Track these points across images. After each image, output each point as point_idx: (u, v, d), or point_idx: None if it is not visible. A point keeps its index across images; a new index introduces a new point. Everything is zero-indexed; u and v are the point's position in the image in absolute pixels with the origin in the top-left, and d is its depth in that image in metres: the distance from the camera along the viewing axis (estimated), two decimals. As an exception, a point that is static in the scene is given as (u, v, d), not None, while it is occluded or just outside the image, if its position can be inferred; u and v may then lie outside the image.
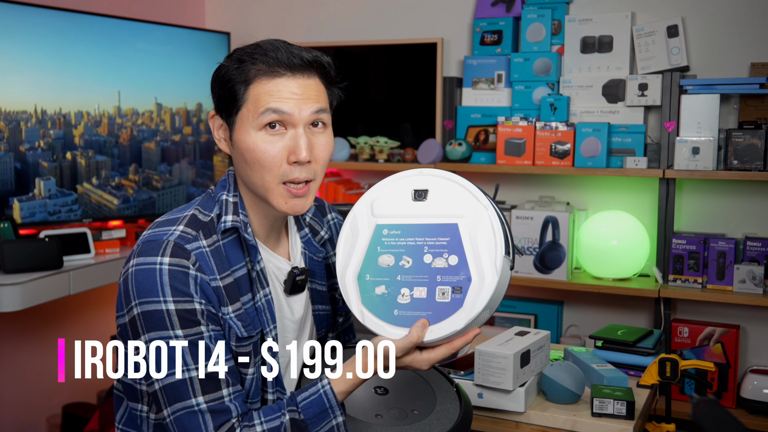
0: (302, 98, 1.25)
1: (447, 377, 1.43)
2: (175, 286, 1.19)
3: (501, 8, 2.94)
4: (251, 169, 1.26)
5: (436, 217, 1.23)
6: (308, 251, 1.43)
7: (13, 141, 2.37)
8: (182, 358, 1.19)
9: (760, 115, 2.55)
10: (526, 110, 2.86)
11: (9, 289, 2.16)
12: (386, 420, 1.29)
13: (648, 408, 1.79)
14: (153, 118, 2.89)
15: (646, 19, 2.77)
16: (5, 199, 2.30)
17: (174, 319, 1.19)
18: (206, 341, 1.21)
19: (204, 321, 1.21)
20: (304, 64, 1.25)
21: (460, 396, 1.38)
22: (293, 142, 1.25)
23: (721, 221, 2.73)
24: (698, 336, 2.60)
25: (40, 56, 2.51)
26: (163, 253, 1.21)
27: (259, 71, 1.24)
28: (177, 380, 1.19)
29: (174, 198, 2.74)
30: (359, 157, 3.11)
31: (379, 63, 3.19)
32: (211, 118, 1.34)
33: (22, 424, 2.80)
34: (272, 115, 1.23)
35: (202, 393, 1.19)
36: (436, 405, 1.35)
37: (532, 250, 2.75)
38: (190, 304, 1.20)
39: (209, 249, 1.25)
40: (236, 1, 3.52)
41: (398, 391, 1.37)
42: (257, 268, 1.31)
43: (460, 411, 1.34)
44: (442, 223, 1.22)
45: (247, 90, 1.25)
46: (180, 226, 1.26)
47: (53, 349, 2.90)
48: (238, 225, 1.29)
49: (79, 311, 2.99)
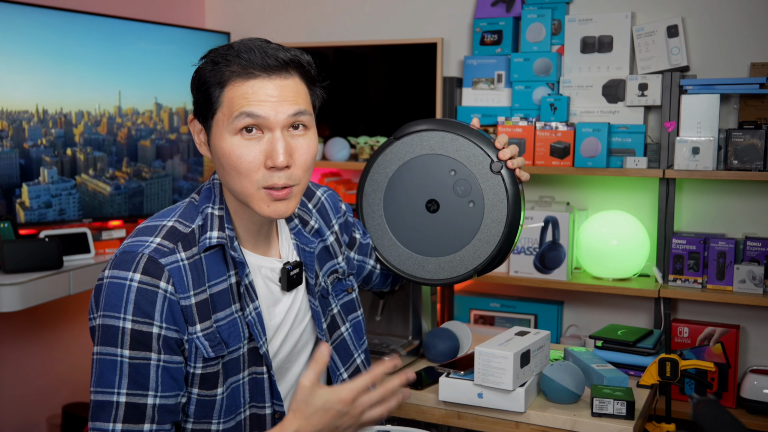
0: (279, 100, 1.19)
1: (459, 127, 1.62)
2: (139, 305, 1.16)
3: (501, 8, 2.94)
4: (228, 175, 1.22)
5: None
6: (300, 242, 1.40)
7: (17, 138, 2.42)
8: (118, 380, 1.16)
9: (760, 115, 2.55)
10: (526, 110, 2.86)
11: (9, 289, 2.16)
12: (473, 209, 1.57)
13: (648, 408, 1.79)
14: (152, 117, 2.89)
15: (646, 19, 2.77)
16: (12, 189, 2.40)
17: (126, 339, 1.16)
18: (151, 370, 1.17)
19: (157, 347, 1.17)
20: (280, 64, 1.20)
21: (493, 169, 1.56)
22: (270, 147, 1.19)
23: (721, 221, 2.73)
24: (698, 336, 2.60)
25: (41, 56, 2.52)
26: (135, 269, 1.17)
27: (233, 73, 1.19)
28: (105, 400, 1.16)
29: (161, 187, 2.82)
30: (359, 157, 3.11)
31: (379, 63, 3.19)
32: (191, 122, 1.29)
33: (22, 424, 2.80)
34: (246, 119, 1.18)
35: (122, 420, 1.15)
36: (482, 187, 1.57)
37: (532, 250, 2.76)
38: (149, 327, 1.17)
39: (187, 262, 1.22)
40: (236, 1, 3.52)
41: (445, 198, 1.59)
42: (245, 282, 1.27)
43: (504, 180, 1.55)
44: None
45: (222, 93, 1.20)
46: (157, 238, 1.22)
47: (53, 349, 2.90)
48: (224, 242, 1.25)
49: (79, 311, 2.99)
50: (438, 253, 1.63)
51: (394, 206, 1.65)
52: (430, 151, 1.60)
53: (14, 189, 2.40)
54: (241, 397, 1.28)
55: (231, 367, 1.26)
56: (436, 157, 1.60)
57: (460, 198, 1.59)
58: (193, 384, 1.23)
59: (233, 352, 1.26)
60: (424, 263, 1.64)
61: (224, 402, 1.26)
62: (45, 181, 2.46)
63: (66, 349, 2.95)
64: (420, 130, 1.62)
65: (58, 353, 2.92)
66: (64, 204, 2.52)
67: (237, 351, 1.26)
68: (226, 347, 1.24)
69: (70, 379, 2.97)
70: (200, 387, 1.23)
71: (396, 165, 1.64)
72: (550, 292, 2.98)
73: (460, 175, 1.58)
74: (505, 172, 1.56)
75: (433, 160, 1.60)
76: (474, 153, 1.57)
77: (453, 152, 1.58)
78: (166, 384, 1.19)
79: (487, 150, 1.57)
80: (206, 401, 1.24)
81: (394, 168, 1.65)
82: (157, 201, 2.83)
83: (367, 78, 3.23)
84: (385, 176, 1.65)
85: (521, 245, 2.77)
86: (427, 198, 1.61)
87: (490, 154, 1.56)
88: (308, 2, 3.37)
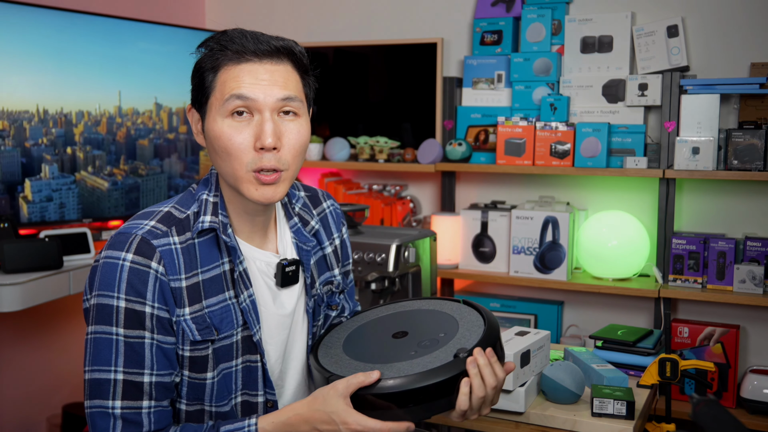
0: (269, 84, 1.22)
1: (449, 299, 1.43)
2: (132, 284, 1.19)
3: (501, 8, 2.94)
4: (221, 158, 1.25)
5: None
6: (298, 241, 1.41)
7: (18, 138, 2.46)
8: (114, 358, 1.18)
9: (760, 115, 2.55)
10: (526, 110, 2.86)
11: (9, 289, 2.16)
12: (422, 351, 1.27)
13: (648, 408, 1.79)
14: (152, 117, 2.90)
15: (646, 19, 2.77)
16: (14, 186, 2.45)
17: (120, 317, 1.19)
18: (146, 348, 1.20)
19: (150, 326, 1.20)
20: (272, 49, 1.23)
21: (473, 305, 1.38)
22: (259, 129, 1.22)
23: (721, 221, 2.73)
24: (698, 336, 2.60)
25: (41, 56, 2.52)
26: (128, 249, 1.20)
27: (226, 57, 1.23)
28: (102, 378, 1.19)
29: (156, 183, 2.87)
30: (359, 157, 3.11)
31: (379, 63, 3.19)
32: (189, 112, 1.32)
33: (22, 424, 2.80)
34: (237, 102, 1.21)
35: (121, 398, 1.18)
36: (458, 322, 1.34)
37: (532, 250, 2.75)
38: (141, 306, 1.20)
39: (180, 246, 1.24)
40: (236, 1, 3.52)
41: (416, 329, 1.36)
42: (239, 269, 1.29)
43: (483, 315, 1.33)
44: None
45: (215, 77, 1.24)
46: (152, 221, 1.25)
47: (53, 349, 2.90)
48: (216, 226, 1.27)
49: (79, 311, 2.99)
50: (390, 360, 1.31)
51: (357, 340, 1.40)
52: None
53: (16, 186, 2.44)
54: (232, 384, 1.30)
55: (223, 353, 1.28)
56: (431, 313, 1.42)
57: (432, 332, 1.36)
58: (183, 366, 1.26)
59: (225, 339, 1.28)
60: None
61: (215, 386, 1.28)
62: (46, 176, 2.51)
63: (66, 349, 2.95)
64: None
65: (58, 353, 2.92)
66: (64, 198, 2.57)
67: (230, 338, 1.28)
68: (217, 333, 1.26)
69: (70, 379, 2.97)
70: (190, 369, 1.26)
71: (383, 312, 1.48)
72: (550, 292, 2.98)
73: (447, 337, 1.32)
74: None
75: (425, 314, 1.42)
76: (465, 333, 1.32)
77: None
78: (160, 362, 1.21)
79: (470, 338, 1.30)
80: (197, 384, 1.27)
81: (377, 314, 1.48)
82: (153, 197, 2.86)
83: (367, 78, 3.23)
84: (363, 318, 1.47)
85: (521, 245, 2.77)
86: (396, 331, 1.38)
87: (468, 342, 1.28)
88: (308, 2, 3.37)
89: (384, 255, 2.01)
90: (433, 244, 2.20)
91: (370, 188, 3.22)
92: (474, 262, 2.90)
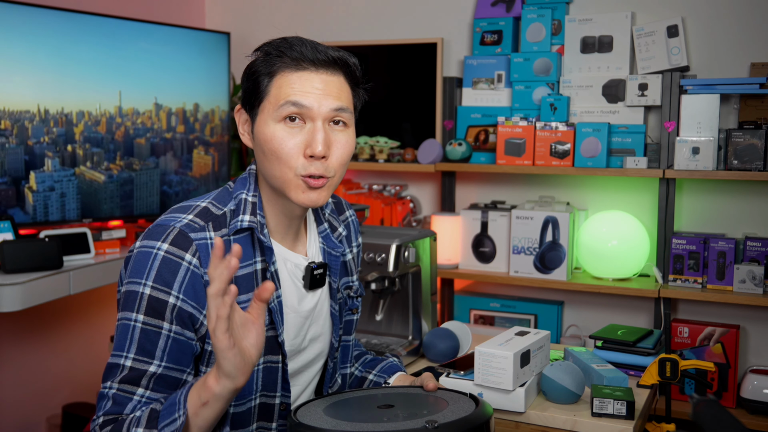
0: (323, 93, 1.25)
1: (459, 392, 1.37)
2: (161, 273, 1.20)
3: (501, 8, 2.94)
4: (269, 161, 1.26)
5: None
6: (326, 246, 1.43)
7: (21, 136, 2.49)
8: (128, 345, 1.19)
9: (760, 115, 2.55)
10: (526, 110, 2.86)
11: (9, 289, 2.16)
12: (396, 419, 1.22)
13: (648, 408, 1.79)
14: (152, 117, 2.90)
15: (646, 19, 2.77)
16: (19, 180, 2.50)
17: (143, 304, 1.19)
18: (161, 339, 1.20)
19: (170, 317, 1.20)
20: (328, 60, 1.26)
21: (474, 397, 1.33)
22: (310, 136, 1.24)
23: (721, 221, 2.73)
24: (698, 336, 2.60)
25: (42, 56, 2.52)
26: (164, 239, 1.21)
27: (284, 64, 1.25)
28: (114, 362, 1.20)
29: (149, 177, 2.91)
30: (359, 157, 3.11)
31: (379, 63, 3.19)
32: (237, 112, 1.34)
33: (22, 424, 2.80)
34: (291, 108, 1.24)
35: (119, 381, 1.18)
36: (449, 404, 1.30)
37: (532, 250, 2.76)
38: (166, 295, 1.20)
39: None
40: (236, 1, 3.52)
41: (403, 404, 1.32)
42: (272, 269, 1.30)
43: (477, 404, 1.28)
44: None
45: (271, 82, 1.26)
46: (190, 215, 1.26)
47: (53, 349, 2.90)
48: (254, 226, 1.29)
49: (79, 311, 3.00)
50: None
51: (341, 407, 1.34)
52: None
53: (20, 180, 2.50)
54: (253, 384, 1.30)
55: None
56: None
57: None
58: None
59: None
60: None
61: None
62: (49, 169, 2.57)
63: (66, 349, 2.95)
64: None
65: (58, 353, 2.92)
66: (65, 189, 2.61)
67: None
68: None
69: (70, 379, 2.98)
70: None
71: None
72: (550, 292, 2.98)
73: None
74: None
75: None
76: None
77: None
78: (171, 355, 1.21)
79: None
80: None
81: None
82: (146, 190, 2.90)
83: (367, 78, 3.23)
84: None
85: (521, 245, 2.77)
86: (383, 403, 1.33)
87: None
88: (308, 2, 3.37)
89: (384, 255, 2.01)
90: (433, 244, 2.20)
91: (370, 188, 3.22)
92: (474, 262, 2.90)
